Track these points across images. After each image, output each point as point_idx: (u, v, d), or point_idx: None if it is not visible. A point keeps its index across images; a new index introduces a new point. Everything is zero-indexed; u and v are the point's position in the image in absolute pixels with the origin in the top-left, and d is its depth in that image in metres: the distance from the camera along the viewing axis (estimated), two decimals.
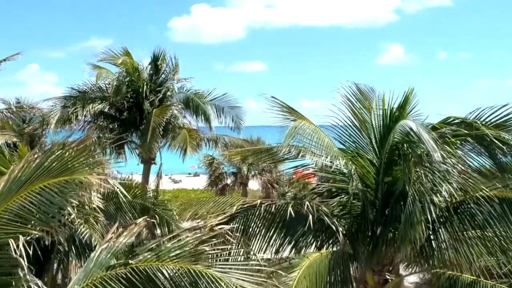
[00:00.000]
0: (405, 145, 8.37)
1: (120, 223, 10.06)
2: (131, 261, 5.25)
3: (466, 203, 8.63)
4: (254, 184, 29.00)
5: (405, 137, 8.21)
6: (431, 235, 8.57)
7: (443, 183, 7.48)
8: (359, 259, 8.59)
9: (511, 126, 8.53)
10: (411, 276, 11.19)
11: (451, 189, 7.53)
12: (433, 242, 8.46)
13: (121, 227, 5.78)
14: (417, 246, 7.50)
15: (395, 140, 8.55)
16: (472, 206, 8.53)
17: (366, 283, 9.03)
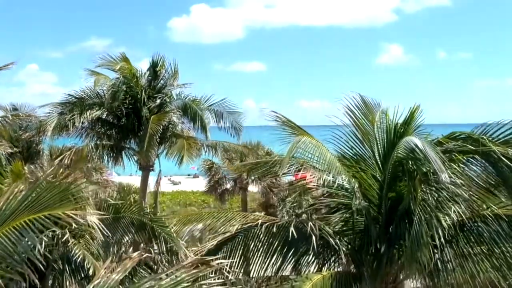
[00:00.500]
0: (410, 161, 8.13)
1: (115, 240, 9.86)
2: None
3: (473, 221, 8.38)
4: (253, 188, 28.76)
5: (410, 153, 7.95)
6: (436, 253, 8.33)
7: (451, 204, 7.21)
8: (363, 279, 8.34)
9: None
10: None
11: (459, 211, 7.26)
12: (438, 262, 8.21)
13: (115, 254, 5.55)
14: (426, 269, 7.22)
15: (399, 155, 8.30)
16: (479, 225, 8.28)
17: None
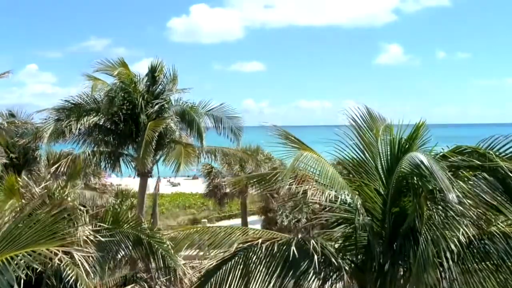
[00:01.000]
0: (415, 178, 7.88)
1: (112, 255, 9.61)
2: None
3: (479, 239, 8.14)
4: (253, 190, 28.58)
5: (415, 169, 7.70)
6: (441, 272, 8.10)
7: (459, 225, 6.96)
8: None
9: None
10: None
11: (468, 232, 7.01)
12: (443, 281, 7.97)
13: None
14: None
15: (404, 171, 8.06)
16: (486, 243, 8.03)
17: None
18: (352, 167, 9.46)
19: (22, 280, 5.34)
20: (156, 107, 18.19)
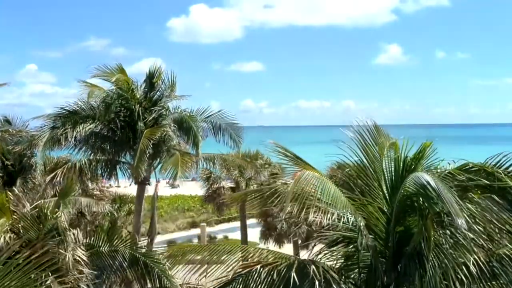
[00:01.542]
0: (420, 198, 7.57)
1: (107, 275, 9.30)
2: None
3: (488, 261, 7.82)
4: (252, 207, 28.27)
5: (420, 189, 7.39)
6: None
7: (469, 253, 6.64)
8: None
9: None
10: None
11: (478, 260, 6.71)
12: None
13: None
14: None
15: (408, 190, 7.75)
16: (494, 265, 7.72)
17: None
18: (355, 179, 9.17)
19: None
20: (154, 114, 17.85)
